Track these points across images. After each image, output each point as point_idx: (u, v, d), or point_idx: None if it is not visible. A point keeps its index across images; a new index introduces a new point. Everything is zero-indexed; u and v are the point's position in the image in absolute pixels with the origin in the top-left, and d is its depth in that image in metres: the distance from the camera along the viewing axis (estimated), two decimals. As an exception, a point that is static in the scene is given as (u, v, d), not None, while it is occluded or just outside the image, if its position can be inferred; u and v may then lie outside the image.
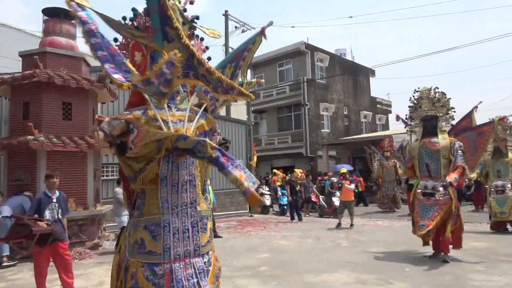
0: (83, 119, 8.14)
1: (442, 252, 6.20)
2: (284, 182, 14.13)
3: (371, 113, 28.60)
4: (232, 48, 21.72)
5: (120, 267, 2.49)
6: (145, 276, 2.30)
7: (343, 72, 26.57)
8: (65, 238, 4.75)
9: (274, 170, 18.09)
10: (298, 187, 13.13)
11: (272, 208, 16.07)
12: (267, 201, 15.54)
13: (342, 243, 8.07)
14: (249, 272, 5.80)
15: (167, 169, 2.40)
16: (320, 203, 13.93)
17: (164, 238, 2.36)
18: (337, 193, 13.79)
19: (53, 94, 7.74)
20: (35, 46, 8.57)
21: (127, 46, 2.73)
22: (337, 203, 12.96)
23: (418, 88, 7.02)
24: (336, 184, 14.05)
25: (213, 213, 9.54)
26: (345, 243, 8.06)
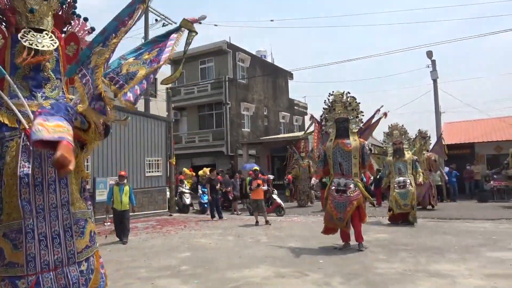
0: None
1: (358, 242, 6.91)
2: (203, 181, 14.10)
3: (289, 114, 29.86)
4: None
5: None
6: None
7: (264, 74, 27.32)
8: None
9: (184, 169, 17.79)
10: (219, 185, 13.18)
11: (192, 207, 15.90)
12: (187, 200, 15.35)
13: (262, 239, 8.33)
14: (170, 272, 5.69)
15: (28, 166, 2.01)
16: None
17: (27, 247, 1.99)
18: (275, 191, 14.13)
19: None
20: None
21: None
22: (279, 200, 13.32)
23: (333, 92, 7.54)
24: (271, 181, 14.44)
25: (131, 213, 9.18)
26: (265, 239, 8.33)
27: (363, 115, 7.57)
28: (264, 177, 13.00)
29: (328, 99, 7.56)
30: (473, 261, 5.72)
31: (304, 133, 16.57)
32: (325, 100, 7.61)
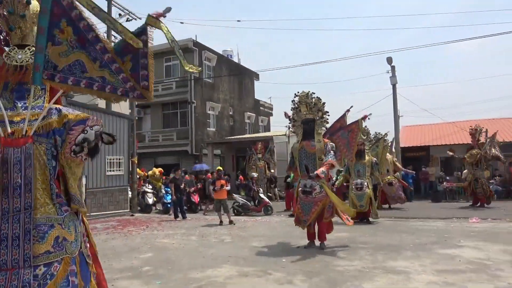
0: None
1: (320, 241, 7.07)
2: (168, 181, 13.87)
3: (255, 115, 30.03)
4: (115, 37, 20.34)
5: None
6: None
7: (230, 73, 27.30)
8: None
9: (138, 169, 17.42)
10: (183, 185, 13.03)
11: (155, 207, 15.61)
12: (150, 200, 15.06)
13: (226, 239, 8.34)
14: (131, 273, 5.58)
15: None
16: (241, 202, 13.43)
17: None
18: (261, 189, 14.01)
19: None
20: None
21: None
22: (266, 200, 13.28)
23: (298, 93, 7.53)
24: (255, 180, 14.37)
25: (90, 213, 8.90)
26: (228, 239, 8.35)
27: (329, 115, 7.55)
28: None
29: (295, 100, 7.56)
30: (426, 258, 6.04)
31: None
32: (293, 101, 7.59)
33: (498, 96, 60.64)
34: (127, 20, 18.40)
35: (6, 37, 2.52)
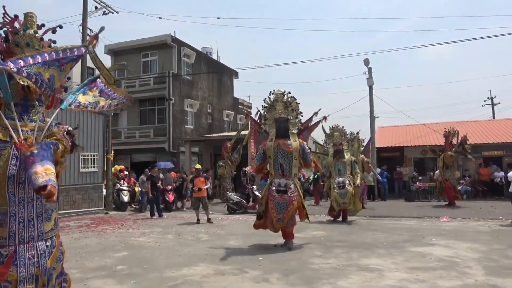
0: None
1: (287, 240, 7.04)
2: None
3: (233, 113, 29.94)
4: (91, 30, 19.79)
5: None
6: None
7: (209, 71, 27.11)
8: None
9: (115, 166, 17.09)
10: (159, 183, 12.87)
11: (131, 205, 15.35)
12: (125, 198, 14.80)
13: (202, 238, 8.29)
14: (104, 272, 5.46)
15: (15, 169, 2.76)
16: (236, 199, 13.27)
17: (10, 225, 2.74)
18: (255, 186, 13.86)
19: None
20: None
21: None
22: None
23: (274, 91, 7.43)
24: (249, 176, 14.25)
25: (63, 210, 8.66)
26: (205, 237, 8.31)
27: (302, 116, 7.54)
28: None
29: (269, 98, 7.47)
30: (399, 256, 6.20)
31: (237, 134, 16.79)
32: (265, 99, 7.51)
33: (470, 99, 62.91)
34: (104, 14, 18.00)
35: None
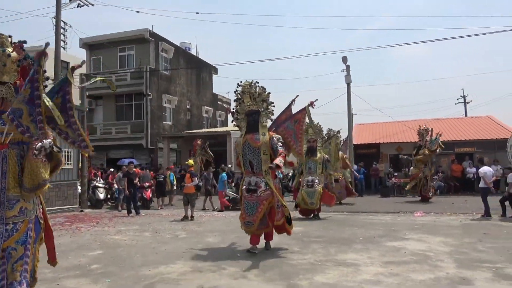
0: None
1: (266, 240, 6.66)
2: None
3: (212, 109, 29.77)
4: (65, 22, 19.18)
5: None
6: None
7: (188, 66, 26.82)
8: None
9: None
10: (136, 180, 12.65)
11: (106, 202, 15.04)
12: (101, 195, 14.49)
13: (180, 235, 8.21)
14: (78, 272, 5.33)
15: None
16: (231, 196, 13.02)
17: None
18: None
19: None
20: None
21: None
22: None
23: (241, 82, 6.78)
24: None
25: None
26: (183, 235, 8.23)
27: (274, 106, 6.85)
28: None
29: (237, 90, 6.81)
30: (374, 251, 6.33)
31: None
32: (235, 91, 6.87)
33: (443, 98, 64.76)
34: (78, 6, 17.53)
35: None
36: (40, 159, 3.33)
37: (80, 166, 14.14)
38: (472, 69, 67.37)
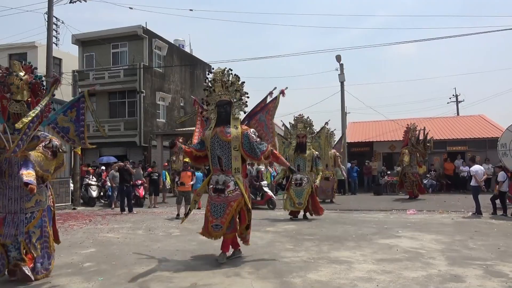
0: None
1: (234, 249, 5.95)
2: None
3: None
4: (56, 18, 18.97)
5: None
6: None
7: (181, 64, 26.69)
8: None
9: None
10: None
11: (99, 200, 14.95)
12: (94, 193, 14.40)
13: (174, 233, 8.20)
14: (71, 270, 5.30)
15: (6, 166, 4.68)
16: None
17: (3, 201, 4.70)
18: (265, 182, 13.47)
19: None
20: None
21: None
22: (270, 193, 12.82)
23: (212, 69, 6.08)
24: (261, 173, 13.94)
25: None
26: (177, 232, 8.22)
27: (248, 97, 6.09)
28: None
29: (207, 79, 6.10)
30: (367, 248, 6.37)
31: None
32: (206, 79, 6.20)
33: (436, 97, 65.22)
34: (71, 2, 17.36)
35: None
36: (47, 152, 4.66)
37: (73, 164, 14.02)
38: (465, 69, 67.96)
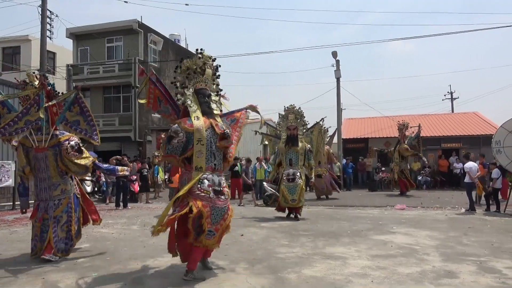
0: None
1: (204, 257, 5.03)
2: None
3: (202, 102, 29.52)
4: (50, 11, 18.81)
5: None
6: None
7: (177, 58, 26.49)
8: None
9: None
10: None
11: (94, 195, 14.87)
12: (88, 188, 14.31)
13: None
14: (64, 265, 5.26)
15: (34, 162, 5.70)
16: (270, 191, 11.32)
17: (37, 191, 5.76)
18: (265, 183, 12.83)
19: None
20: None
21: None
22: (269, 190, 12.53)
23: (201, 50, 5.48)
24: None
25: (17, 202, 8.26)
26: (171, 228, 8.17)
27: (221, 89, 5.47)
28: None
29: (183, 63, 5.42)
30: (362, 244, 6.39)
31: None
32: (181, 59, 5.55)
33: (431, 94, 65.55)
34: (65, -5, 17.12)
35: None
36: (72, 154, 5.64)
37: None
38: (460, 66, 68.25)
